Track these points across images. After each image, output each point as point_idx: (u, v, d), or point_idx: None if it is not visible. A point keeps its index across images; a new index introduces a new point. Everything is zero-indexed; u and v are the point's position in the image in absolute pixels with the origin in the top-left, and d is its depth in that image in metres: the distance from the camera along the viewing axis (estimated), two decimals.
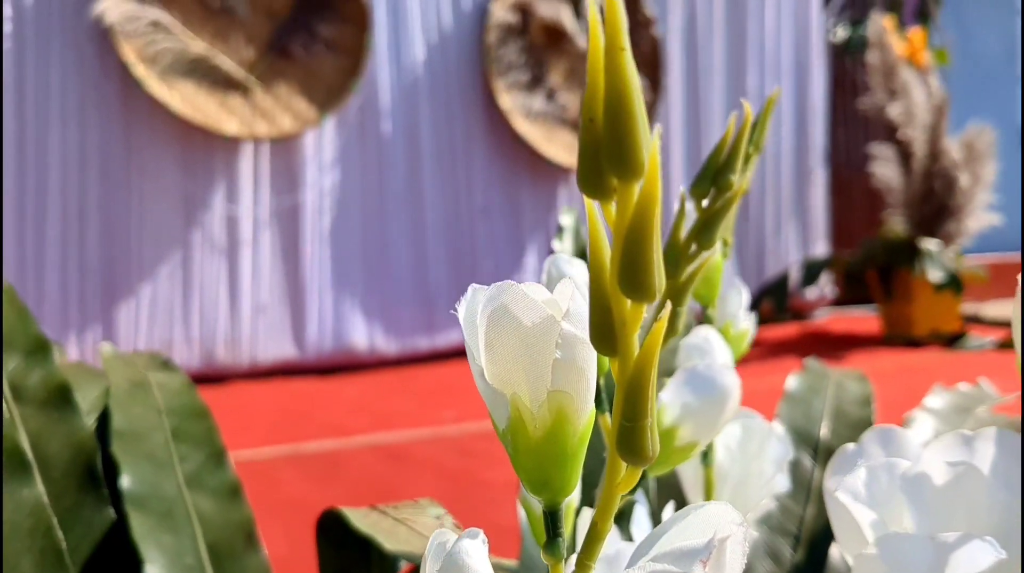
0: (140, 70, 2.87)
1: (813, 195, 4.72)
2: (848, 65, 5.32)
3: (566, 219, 0.71)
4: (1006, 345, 3.65)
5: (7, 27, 2.75)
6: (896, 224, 4.35)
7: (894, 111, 4.02)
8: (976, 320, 4.95)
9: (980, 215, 4.03)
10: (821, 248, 4.75)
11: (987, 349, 3.67)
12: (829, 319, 4.77)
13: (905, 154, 4.12)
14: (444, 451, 2.13)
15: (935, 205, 4.02)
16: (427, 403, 2.75)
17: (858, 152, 5.55)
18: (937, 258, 3.69)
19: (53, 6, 2.82)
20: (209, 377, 3.11)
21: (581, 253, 0.69)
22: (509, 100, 3.67)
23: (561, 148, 3.81)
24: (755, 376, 2.94)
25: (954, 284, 3.79)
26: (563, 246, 0.70)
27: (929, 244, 3.75)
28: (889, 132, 4.18)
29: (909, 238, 3.88)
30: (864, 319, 4.66)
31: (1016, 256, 6.41)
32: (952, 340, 3.77)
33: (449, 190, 3.60)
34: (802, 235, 4.68)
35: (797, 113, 4.65)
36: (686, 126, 4.26)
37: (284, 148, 3.21)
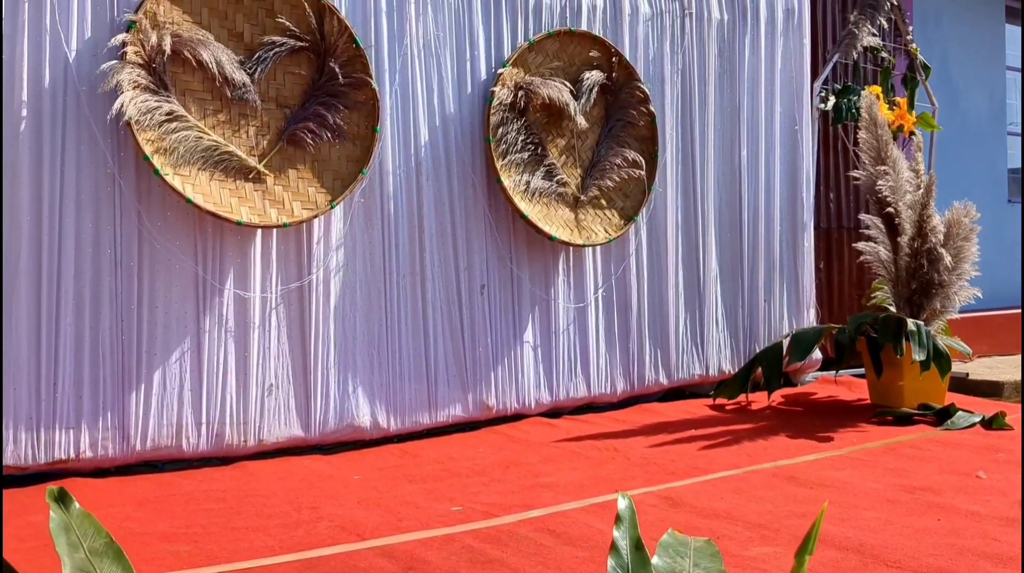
0: (156, 161, 2.94)
1: (803, 261, 4.82)
2: (838, 129, 5.44)
3: (623, 504, 0.79)
4: (991, 423, 3.75)
5: (25, 124, 2.82)
6: (883, 293, 4.46)
7: (883, 188, 4.13)
8: (963, 386, 5.07)
9: (965, 290, 4.14)
10: (811, 314, 4.86)
11: (975, 425, 3.77)
12: (819, 384, 4.85)
13: (892, 228, 4.23)
14: (458, 559, 2.19)
15: (922, 281, 4.13)
16: (434, 492, 2.81)
17: (846, 212, 5.67)
18: (923, 337, 3.79)
19: (68, 102, 2.89)
20: (217, 457, 3.16)
21: (637, 543, 0.77)
22: (509, 179, 3.76)
23: (559, 224, 3.90)
24: (747, 456, 2.98)
25: (940, 361, 3.89)
26: (621, 533, 0.77)
27: (915, 324, 3.85)
28: (878, 201, 4.29)
29: (897, 316, 3.98)
30: (853, 384, 4.75)
31: (994, 313, 6.54)
32: (940, 416, 3.87)
33: (450, 268, 3.68)
34: (793, 300, 4.78)
35: (788, 183, 4.76)
36: (680, 197, 4.36)
37: (293, 232, 3.29)
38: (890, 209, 4.16)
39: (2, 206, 2.79)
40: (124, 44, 2.90)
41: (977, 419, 3.79)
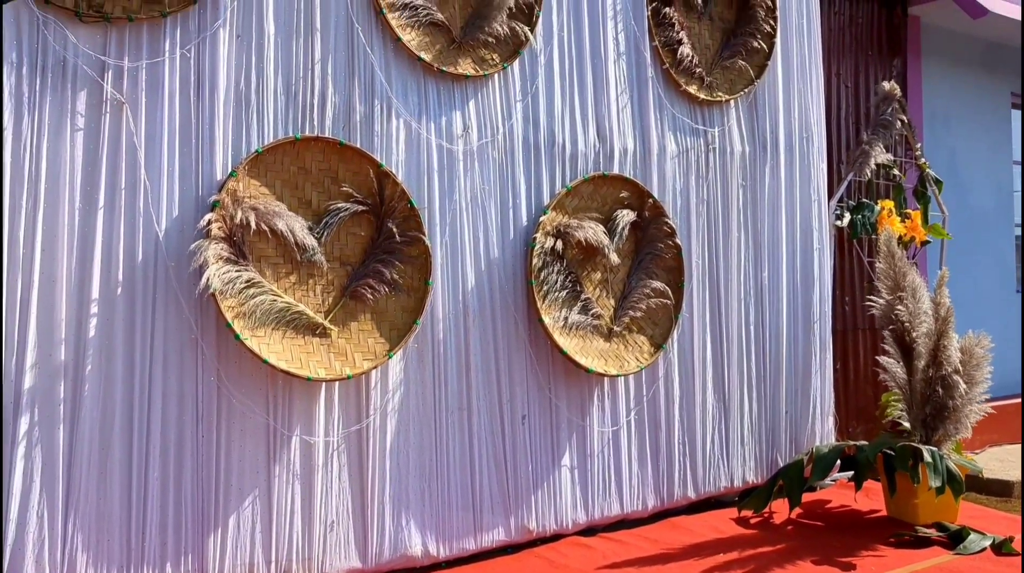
0: (236, 325, 3.24)
1: (822, 373, 5.09)
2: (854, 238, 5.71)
3: None
4: (1000, 548, 3.99)
5: (120, 298, 3.12)
6: (897, 411, 4.71)
7: (901, 315, 4.40)
8: (976, 484, 5.30)
9: (975, 414, 4.39)
10: (830, 422, 5.12)
11: (985, 549, 4.01)
12: (837, 489, 5.08)
13: (908, 352, 4.50)
14: None
15: (936, 406, 4.38)
16: None
17: (861, 314, 5.93)
18: (938, 465, 4.04)
19: (158, 276, 3.19)
20: None
21: None
22: (549, 317, 4.05)
23: (595, 356, 4.18)
24: None
25: (954, 484, 4.14)
26: None
27: (931, 453, 4.10)
28: (894, 329, 4.56)
29: (913, 446, 4.22)
30: (869, 489, 4.96)
31: (1004, 402, 6.75)
32: (954, 538, 4.11)
33: (494, 401, 3.96)
34: (814, 410, 5.04)
35: (807, 300, 5.04)
36: (707, 320, 4.64)
37: (354, 380, 3.57)
38: (907, 336, 4.42)
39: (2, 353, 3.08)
40: (209, 222, 3.20)
41: (988, 543, 4.03)
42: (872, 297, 4.65)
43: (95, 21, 3.07)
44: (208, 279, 3.16)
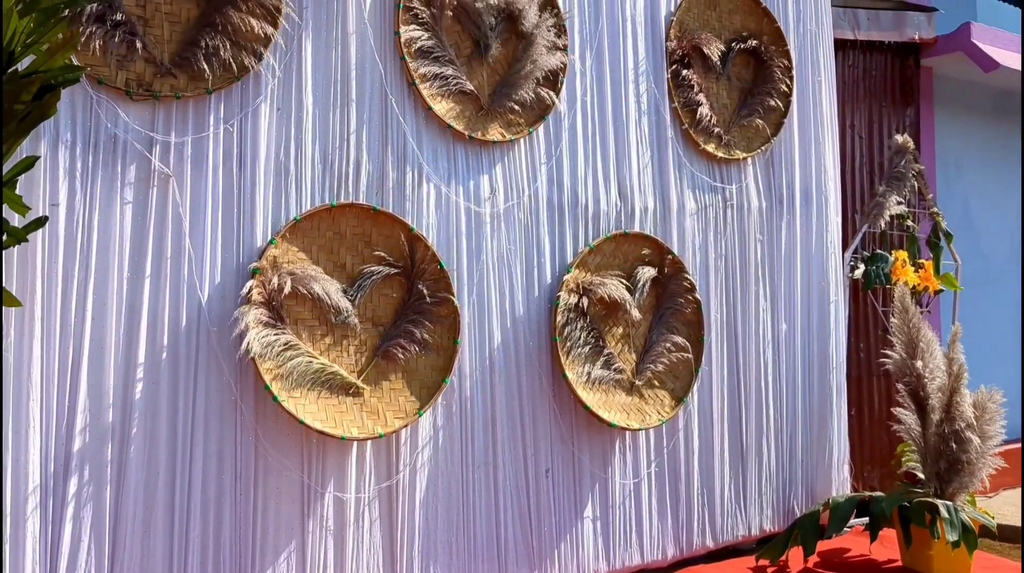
0: (275, 387, 3.36)
1: (837, 422, 5.19)
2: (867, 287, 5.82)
3: None
4: None
5: (165, 363, 3.26)
6: (913, 462, 4.81)
7: (914, 372, 4.51)
8: (988, 530, 5.36)
9: (989, 467, 4.48)
10: (845, 470, 5.21)
11: None
12: (853, 536, 5.17)
13: (922, 406, 4.60)
14: None
15: (950, 460, 4.48)
16: None
17: (876, 359, 6.02)
18: (955, 520, 4.13)
19: (201, 340, 3.33)
20: None
21: None
22: (573, 373, 4.16)
23: (617, 410, 4.29)
24: None
25: (967, 537, 4.23)
26: None
27: (947, 508, 4.19)
28: (908, 384, 4.66)
29: (929, 502, 4.32)
30: (884, 537, 5.04)
31: (1018, 445, 6.82)
32: None
33: (519, 455, 4.07)
34: (829, 459, 5.14)
35: (823, 351, 5.15)
36: (725, 372, 4.75)
37: (385, 438, 3.69)
38: (922, 391, 4.53)
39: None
40: (250, 289, 3.34)
41: None
42: (887, 351, 4.75)
43: (144, 99, 3.22)
44: (248, 343, 3.29)
